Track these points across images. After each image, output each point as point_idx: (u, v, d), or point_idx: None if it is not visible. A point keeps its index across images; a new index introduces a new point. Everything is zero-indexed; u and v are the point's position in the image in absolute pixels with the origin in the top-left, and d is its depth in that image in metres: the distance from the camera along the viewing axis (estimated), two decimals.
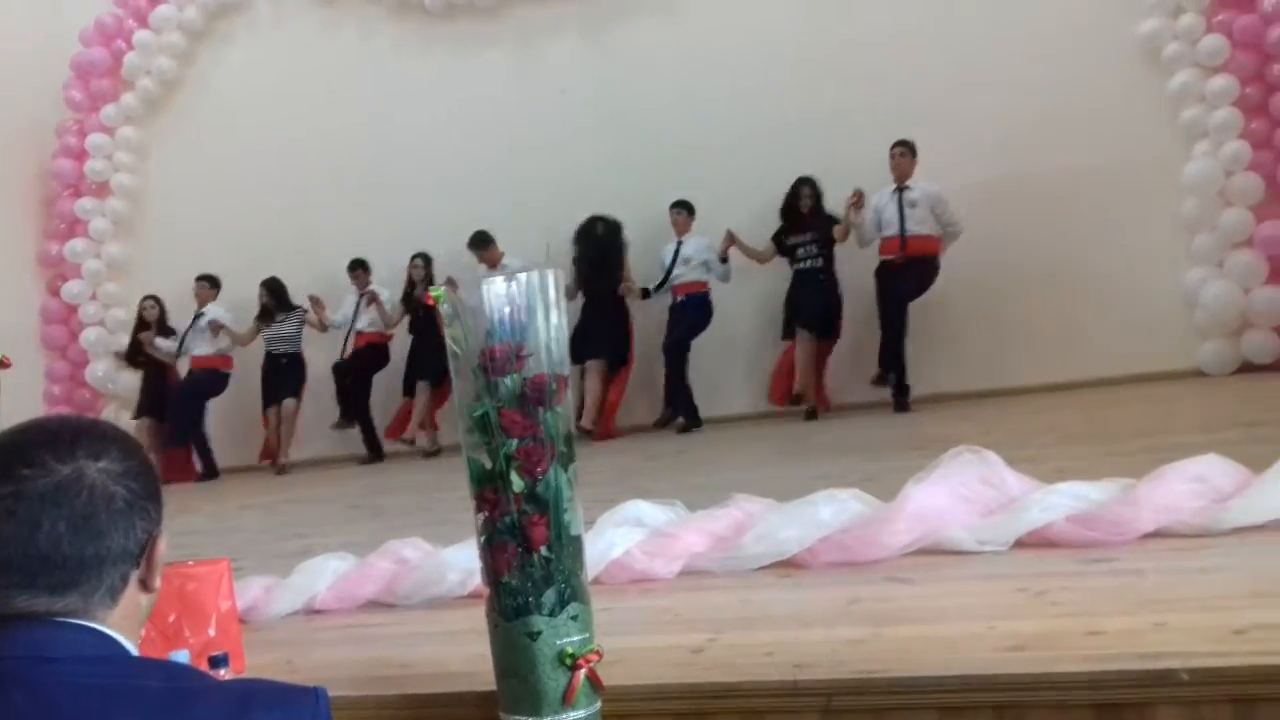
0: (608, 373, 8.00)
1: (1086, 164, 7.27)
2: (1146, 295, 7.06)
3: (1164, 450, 3.22)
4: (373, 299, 8.51)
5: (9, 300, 8.71)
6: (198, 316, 8.84)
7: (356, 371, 8.59)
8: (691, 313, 7.95)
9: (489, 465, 1.88)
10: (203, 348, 8.83)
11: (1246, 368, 6.95)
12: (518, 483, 1.86)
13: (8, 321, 8.33)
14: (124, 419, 8.58)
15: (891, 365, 7.24)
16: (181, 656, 2.10)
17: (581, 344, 7.72)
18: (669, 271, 7.97)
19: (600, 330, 7.90)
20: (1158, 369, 6.92)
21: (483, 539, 1.92)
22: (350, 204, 8.88)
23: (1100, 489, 2.72)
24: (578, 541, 1.92)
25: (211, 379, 8.89)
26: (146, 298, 9.00)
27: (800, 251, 7.68)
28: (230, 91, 9.41)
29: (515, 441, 1.86)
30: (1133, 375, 6.94)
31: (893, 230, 7.26)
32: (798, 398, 7.54)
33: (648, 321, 8.23)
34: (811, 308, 7.56)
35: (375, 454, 8.54)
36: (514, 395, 1.86)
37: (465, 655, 2.20)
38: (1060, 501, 2.68)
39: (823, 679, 1.93)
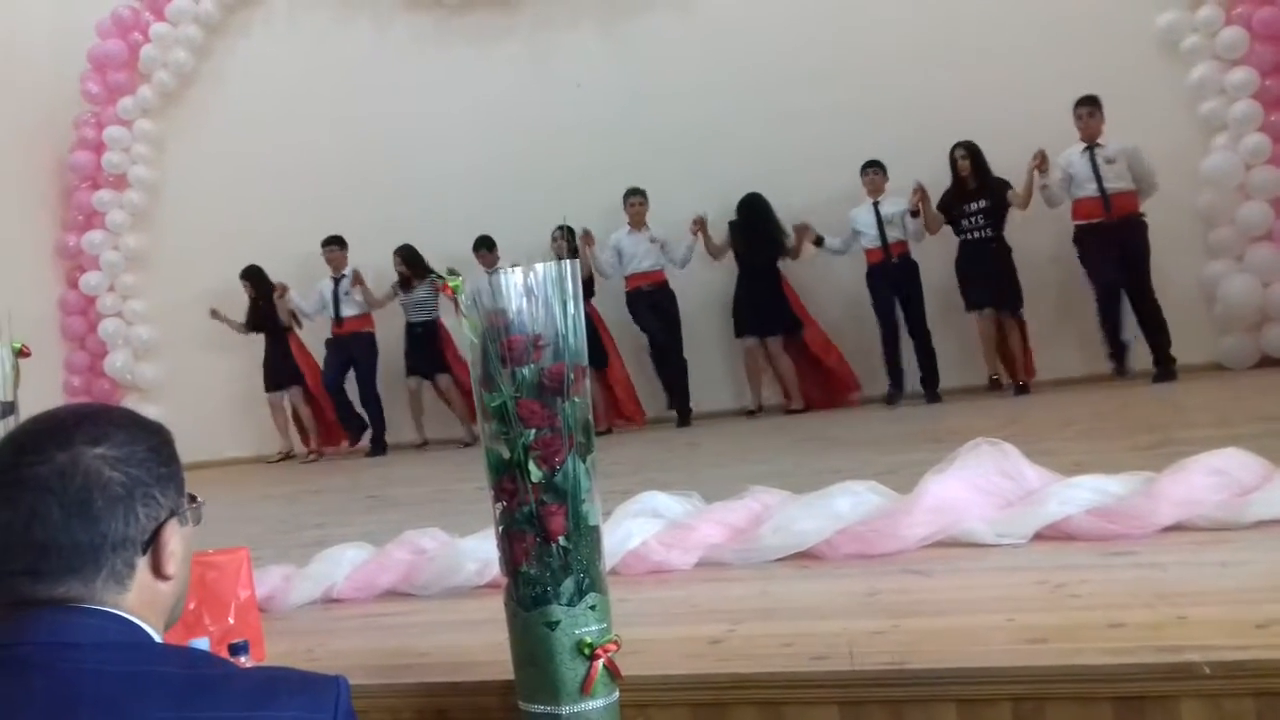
0: (782, 346, 7.88)
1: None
2: (1165, 289, 7.01)
3: (1183, 444, 3.21)
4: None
5: (28, 291, 8.74)
6: (339, 279, 8.65)
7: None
8: (910, 277, 7.53)
9: (507, 455, 1.88)
10: (351, 309, 8.65)
11: (1266, 362, 6.89)
12: (536, 473, 1.86)
13: (27, 313, 8.32)
14: (145, 409, 8.60)
15: (1154, 343, 6.82)
16: (202, 644, 2.11)
17: (743, 319, 7.84)
18: (882, 231, 7.50)
19: (759, 303, 7.80)
20: (1177, 363, 6.87)
21: (501, 529, 1.93)
22: (365, 196, 8.87)
23: (1120, 482, 2.71)
24: (596, 532, 1.92)
25: (369, 340, 8.68)
26: (243, 275, 8.80)
27: (966, 222, 7.29)
28: (246, 84, 9.42)
29: (533, 431, 1.86)
30: (1151, 369, 6.89)
31: (1091, 189, 6.87)
32: (995, 381, 7.31)
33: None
34: (986, 282, 7.21)
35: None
36: (532, 385, 1.87)
37: (484, 644, 2.21)
38: (1080, 495, 2.66)
39: (841, 671, 1.93)
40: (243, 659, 1.86)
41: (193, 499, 1.26)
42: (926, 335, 7.47)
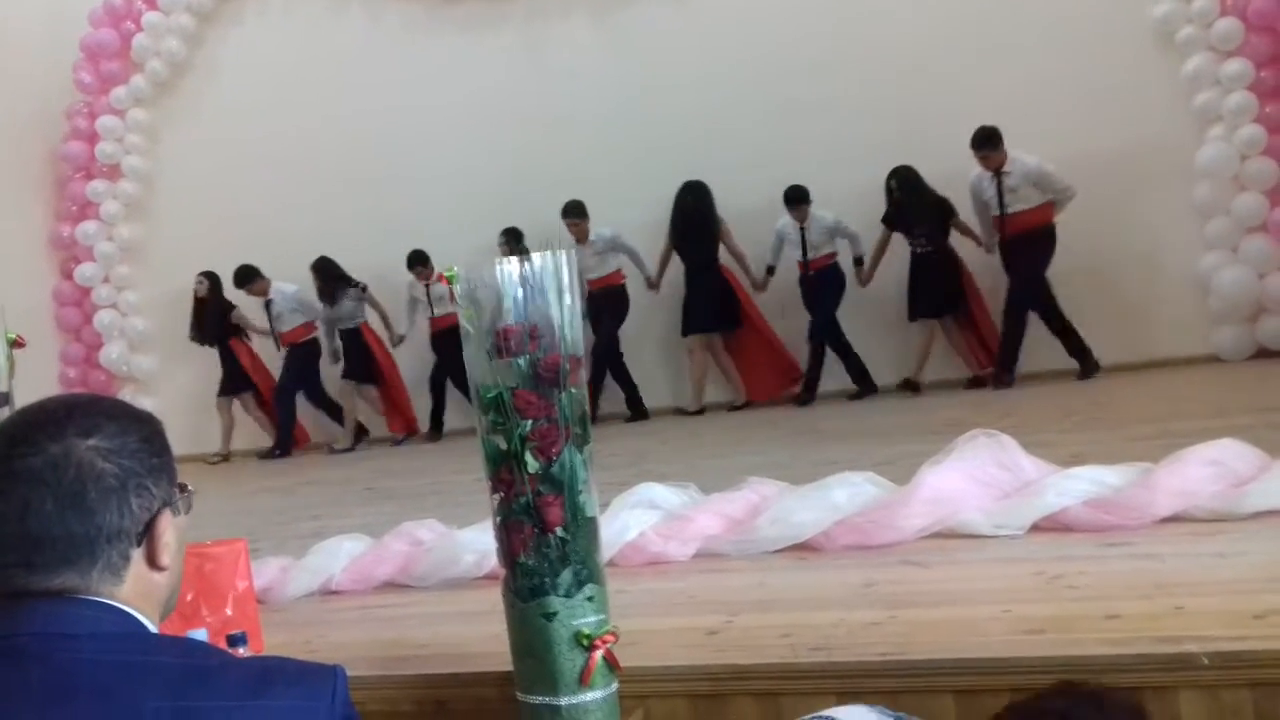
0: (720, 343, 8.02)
1: (1100, 148, 7.20)
2: (1161, 280, 7.01)
3: (1180, 435, 3.21)
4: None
5: (22, 283, 8.70)
6: (269, 304, 8.78)
7: (444, 358, 8.47)
8: (828, 283, 7.77)
9: (504, 446, 1.88)
10: (290, 323, 8.78)
11: (1262, 353, 6.88)
12: (532, 464, 1.86)
13: (21, 304, 8.27)
14: (141, 402, 8.58)
15: (1008, 353, 7.12)
16: (200, 635, 2.10)
17: (687, 317, 7.91)
18: (805, 253, 7.77)
19: (705, 301, 7.89)
20: (1172, 354, 6.87)
21: (498, 520, 1.92)
22: (358, 184, 8.83)
23: (1117, 473, 2.71)
24: (593, 523, 1.92)
25: (313, 345, 8.84)
26: (199, 275, 8.86)
27: (912, 242, 7.53)
28: (239, 74, 9.37)
29: (530, 422, 1.86)
30: (1147, 361, 6.90)
31: (995, 213, 7.18)
32: (911, 383, 7.44)
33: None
34: (929, 293, 7.46)
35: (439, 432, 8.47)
36: (528, 376, 1.86)
37: (482, 636, 2.21)
38: (1077, 486, 2.67)
39: (839, 661, 1.93)
40: (241, 650, 1.86)
41: (183, 488, 1.26)
42: (822, 345, 7.70)
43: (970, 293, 7.52)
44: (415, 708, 2.12)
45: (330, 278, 8.60)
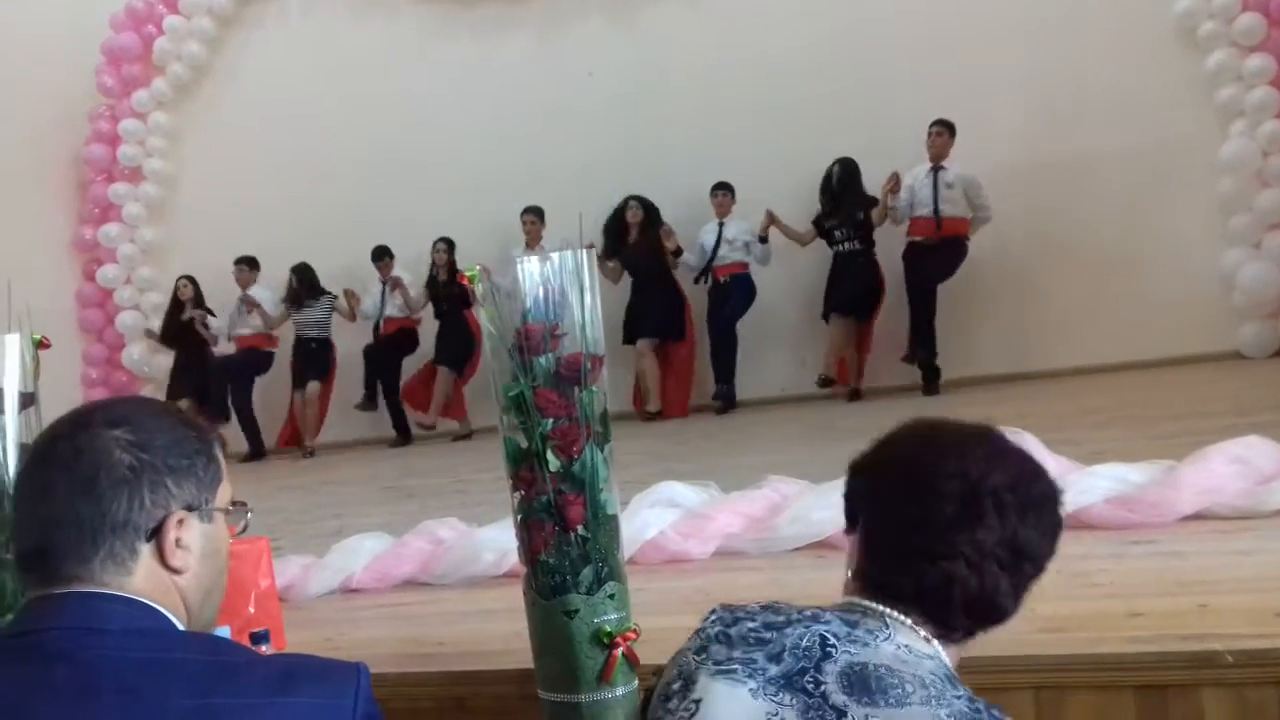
0: (661, 350, 8.06)
1: (1121, 144, 7.16)
2: (1183, 277, 6.96)
3: (1203, 433, 3.19)
4: (396, 284, 8.55)
5: (45, 285, 8.77)
6: (243, 298, 8.87)
7: (387, 354, 8.64)
8: (735, 294, 7.92)
9: (525, 444, 1.88)
10: (244, 328, 8.90)
11: None
12: (554, 462, 1.86)
13: (45, 306, 8.23)
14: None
15: (922, 347, 7.20)
16: (223, 633, 2.11)
17: (633, 323, 7.95)
18: (713, 254, 7.93)
19: (652, 309, 7.97)
20: (1195, 351, 6.82)
21: (519, 518, 1.93)
22: (378, 188, 8.87)
23: (1140, 471, 2.69)
24: (614, 521, 1.92)
25: (256, 357, 8.94)
26: (181, 277, 9.01)
27: (838, 234, 7.59)
28: (259, 77, 9.42)
29: (551, 421, 1.86)
30: (1170, 358, 6.85)
31: (926, 211, 7.18)
32: (827, 380, 7.51)
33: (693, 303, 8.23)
34: (847, 291, 7.54)
35: (404, 437, 8.59)
36: (549, 374, 1.86)
37: (503, 633, 2.21)
38: (1099, 483, 2.65)
39: None
40: (263, 648, 1.87)
41: (238, 503, 1.27)
42: (729, 338, 7.82)
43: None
44: (435, 705, 2.12)
45: (301, 283, 8.72)
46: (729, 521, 2.93)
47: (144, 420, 1.19)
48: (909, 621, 1.25)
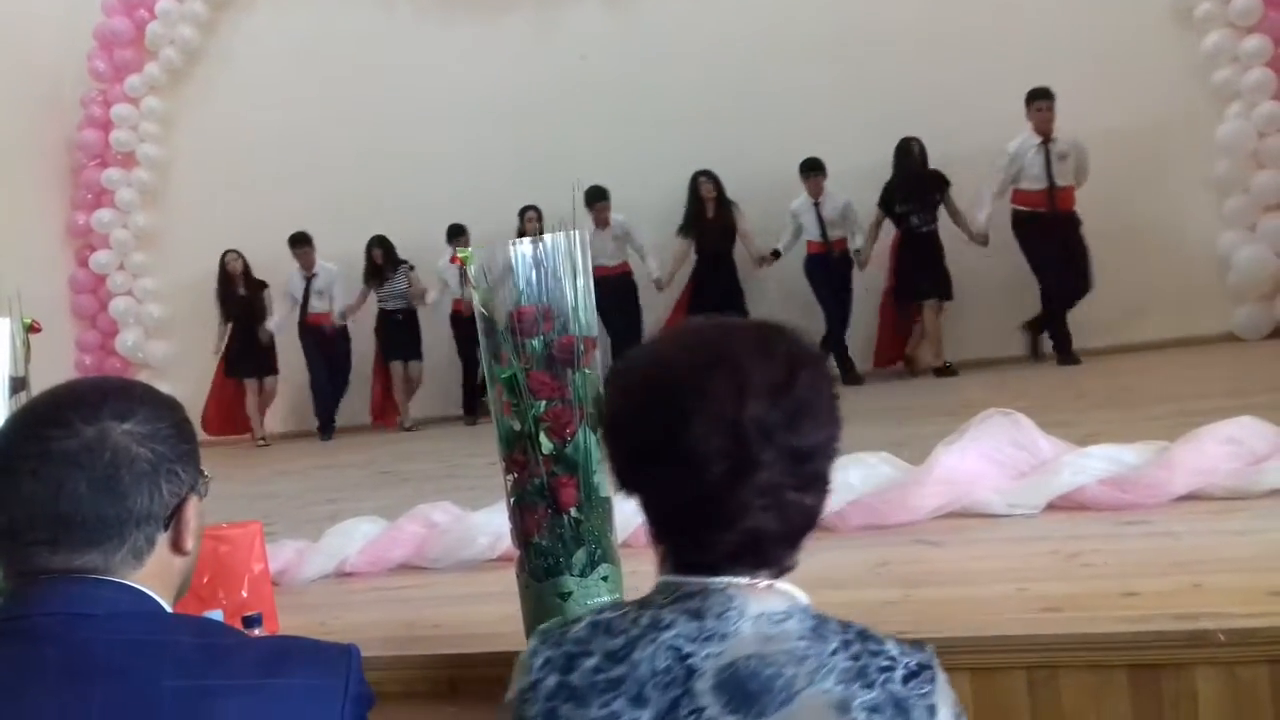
0: None
1: (1118, 125, 7.15)
2: (1179, 259, 6.96)
3: (1197, 414, 3.18)
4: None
5: (39, 271, 8.75)
6: (311, 277, 8.68)
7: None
8: (845, 273, 7.76)
9: (518, 427, 1.88)
10: (324, 305, 8.71)
11: None
12: (546, 444, 1.86)
13: (38, 292, 8.24)
14: (159, 388, 8.60)
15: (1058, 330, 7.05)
16: (216, 617, 2.11)
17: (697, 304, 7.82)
18: (823, 230, 7.69)
19: (714, 291, 7.82)
20: (1190, 333, 6.83)
21: (512, 500, 1.93)
22: (372, 171, 8.85)
23: (1134, 452, 2.69)
24: (607, 503, 1.92)
25: (344, 334, 8.81)
26: (228, 251, 8.80)
27: (915, 219, 7.43)
28: (252, 61, 9.37)
29: (544, 403, 1.86)
30: (1164, 340, 6.86)
31: (1039, 185, 6.98)
32: (948, 368, 7.31)
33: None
34: (933, 274, 7.40)
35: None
36: (542, 357, 1.86)
37: (496, 616, 2.21)
38: (1093, 464, 2.65)
39: None
40: (256, 631, 1.87)
41: (202, 473, 1.27)
42: (843, 330, 7.70)
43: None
44: (429, 687, 2.12)
45: (385, 257, 8.55)
46: None
47: (147, 409, 1.19)
48: (745, 581, 1.11)
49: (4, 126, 8.71)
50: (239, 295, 8.81)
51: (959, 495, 2.70)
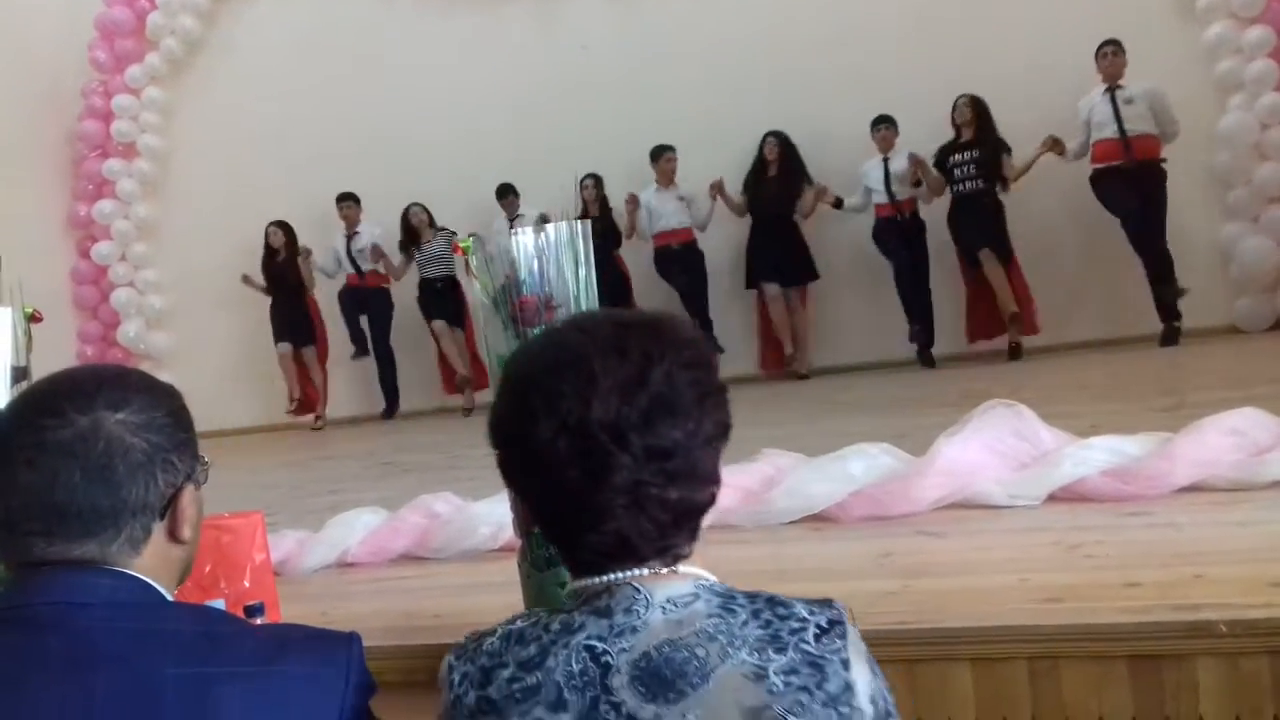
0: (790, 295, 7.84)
1: None
2: (1180, 250, 6.95)
3: (1199, 406, 3.19)
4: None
5: (40, 262, 8.76)
6: (351, 236, 8.68)
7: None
8: (919, 234, 7.52)
9: None
10: (366, 264, 8.70)
11: None
12: None
13: (39, 283, 8.19)
14: (160, 376, 8.58)
15: (1163, 289, 6.67)
16: (217, 606, 2.11)
17: (755, 266, 7.77)
18: (889, 189, 7.44)
19: (774, 251, 7.75)
20: (1191, 325, 6.82)
21: None
22: (374, 160, 8.85)
23: (1136, 443, 2.69)
24: None
25: (387, 295, 8.77)
26: (272, 223, 8.75)
27: (959, 171, 7.24)
28: (253, 51, 9.36)
29: None
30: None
31: (1110, 132, 6.70)
32: (1016, 348, 7.06)
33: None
34: (980, 229, 7.12)
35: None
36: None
37: (498, 606, 2.19)
38: (1095, 456, 2.64)
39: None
40: (258, 621, 1.87)
41: (201, 460, 1.27)
42: (928, 295, 7.46)
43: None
44: (429, 677, 2.10)
45: (421, 222, 8.52)
46: (724, 495, 2.90)
47: (143, 398, 1.19)
48: (646, 572, 1.12)
49: (4, 117, 8.71)
50: (279, 264, 8.78)
51: (961, 486, 2.69)
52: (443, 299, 8.48)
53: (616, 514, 1.09)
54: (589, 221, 1.98)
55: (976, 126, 7.21)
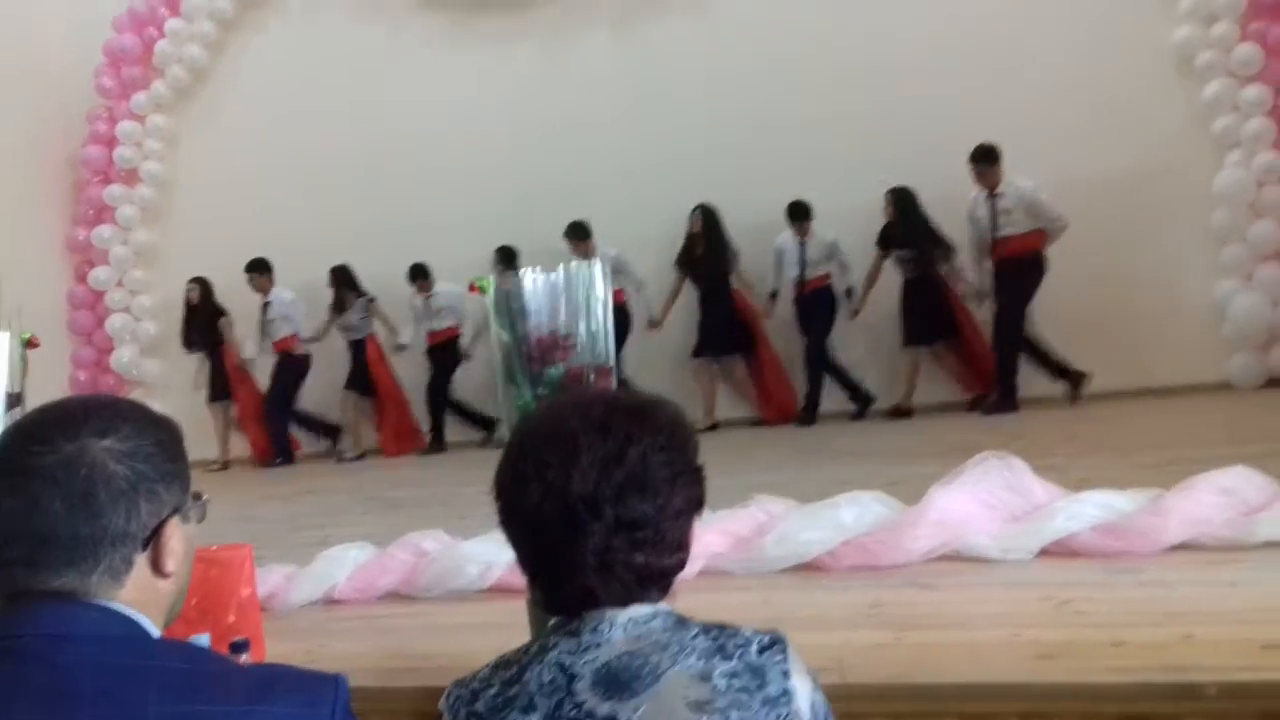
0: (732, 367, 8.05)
1: (1118, 172, 7.19)
2: (1175, 306, 6.98)
3: (1191, 462, 3.18)
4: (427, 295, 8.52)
5: (37, 285, 8.73)
6: (266, 304, 8.77)
7: (438, 365, 8.62)
8: (819, 310, 7.80)
9: None
10: (281, 330, 8.76)
11: (1275, 382, 6.85)
12: None
13: (35, 306, 8.21)
14: (152, 406, 8.55)
15: (1003, 379, 7.07)
16: (202, 640, 2.10)
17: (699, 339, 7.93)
18: (802, 271, 7.78)
19: (715, 324, 7.92)
20: (1185, 381, 6.83)
21: None
22: (377, 194, 8.88)
23: (1127, 499, 2.69)
24: None
25: (301, 360, 8.84)
26: (190, 280, 8.91)
27: (902, 266, 7.59)
28: (260, 82, 9.42)
29: None
30: (1159, 386, 6.86)
31: (988, 237, 7.17)
32: (902, 410, 7.47)
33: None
34: (923, 318, 7.49)
35: (439, 445, 8.49)
36: (556, 385, 1.86)
37: (486, 648, 2.18)
38: (1087, 510, 2.65)
39: (844, 683, 1.91)
40: (243, 657, 1.85)
41: (197, 496, 1.26)
42: (825, 361, 7.71)
43: (963, 316, 7.50)
44: (416, 718, 2.11)
45: (343, 286, 8.66)
46: (715, 540, 2.91)
47: (130, 426, 1.18)
48: (605, 611, 1.25)
49: (9, 140, 8.74)
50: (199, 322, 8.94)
51: (952, 538, 2.69)
52: (358, 364, 8.69)
53: (587, 573, 1.22)
54: (605, 260, 2.00)
55: (901, 218, 7.49)
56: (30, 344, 2.87)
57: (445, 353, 8.58)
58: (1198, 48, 7.19)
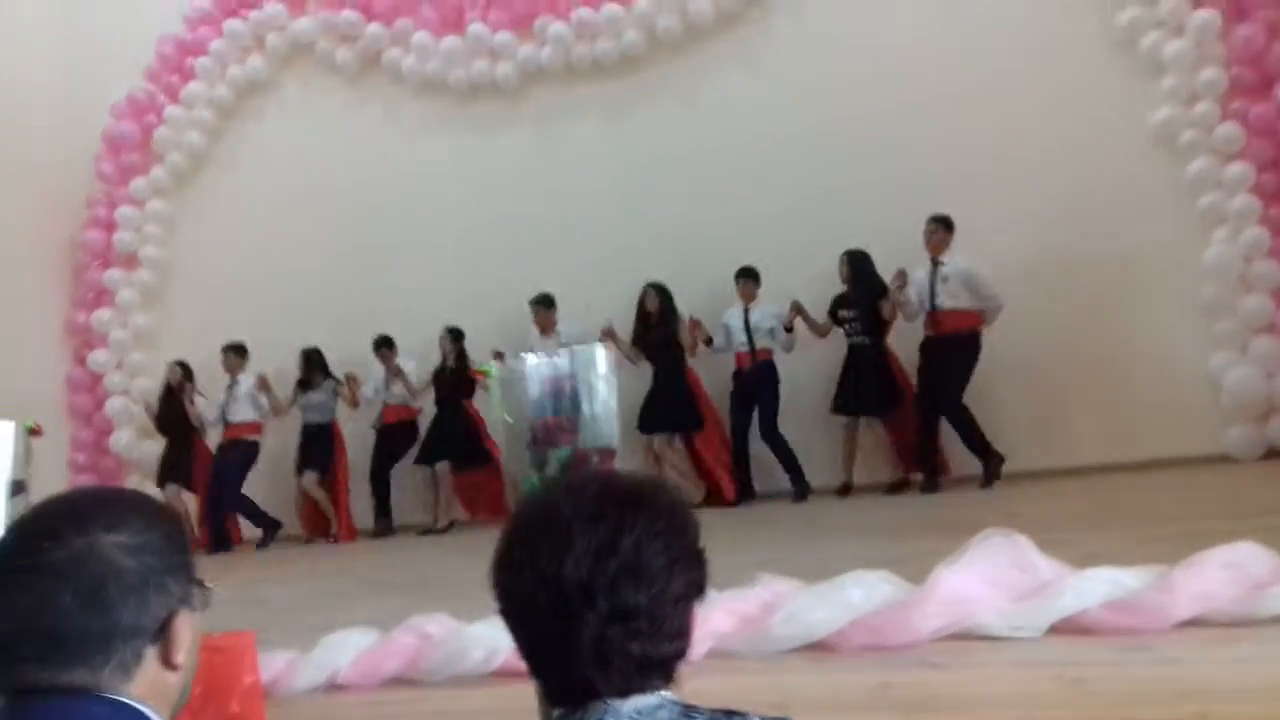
0: (679, 442, 8.01)
1: (1106, 249, 7.28)
2: (1170, 379, 7.01)
3: (1194, 536, 3.19)
4: (398, 373, 8.53)
5: (35, 368, 8.79)
6: (232, 385, 8.82)
7: (387, 444, 8.65)
8: (762, 387, 7.77)
9: None
10: (242, 413, 8.79)
11: (1274, 453, 6.85)
12: None
13: (34, 389, 8.36)
14: (148, 487, 8.53)
15: (926, 456, 7.16)
16: None
17: (646, 415, 7.88)
18: (749, 337, 7.78)
19: (663, 401, 7.90)
20: (1184, 453, 6.83)
21: None
22: (375, 279, 8.96)
23: (1135, 575, 2.69)
24: None
25: (250, 447, 8.87)
26: (173, 363, 8.98)
27: (848, 327, 7.59)
28: (258, 168, 9.55)
29: None
30: (1158, 459, 6.86)
31: (928, 305, 7.16)
32: (846, 488, 7.50)
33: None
34: (859, 389, 7.48)
35: (387, 527, 8.50)
36: (563, 467, 1.87)
37: None
38: (1095, 587, 2.64)
39: None
40: None
41: (200, 584, 1.26)
42: (778, 438, 7.67)
43: (905, 390, 7.50)
44: None
45: (312, 366, 8.72)
46: (721, 621, 2.89)
47: (139, 520, 1.19)
48: (607, 702, 1.22)
49: (9, 224, 8.82)
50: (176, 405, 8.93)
51: (961, 616, 2.68)
52: (316, 446, 8.70)
53: (585, 663, 1.19)
54: (608, 343, 2.02)
55: (853, 282, 7.54)
56: (34, 432, 2.87)
57: (398, 433, 8.63)
58: (1180, 127, 7.31)
